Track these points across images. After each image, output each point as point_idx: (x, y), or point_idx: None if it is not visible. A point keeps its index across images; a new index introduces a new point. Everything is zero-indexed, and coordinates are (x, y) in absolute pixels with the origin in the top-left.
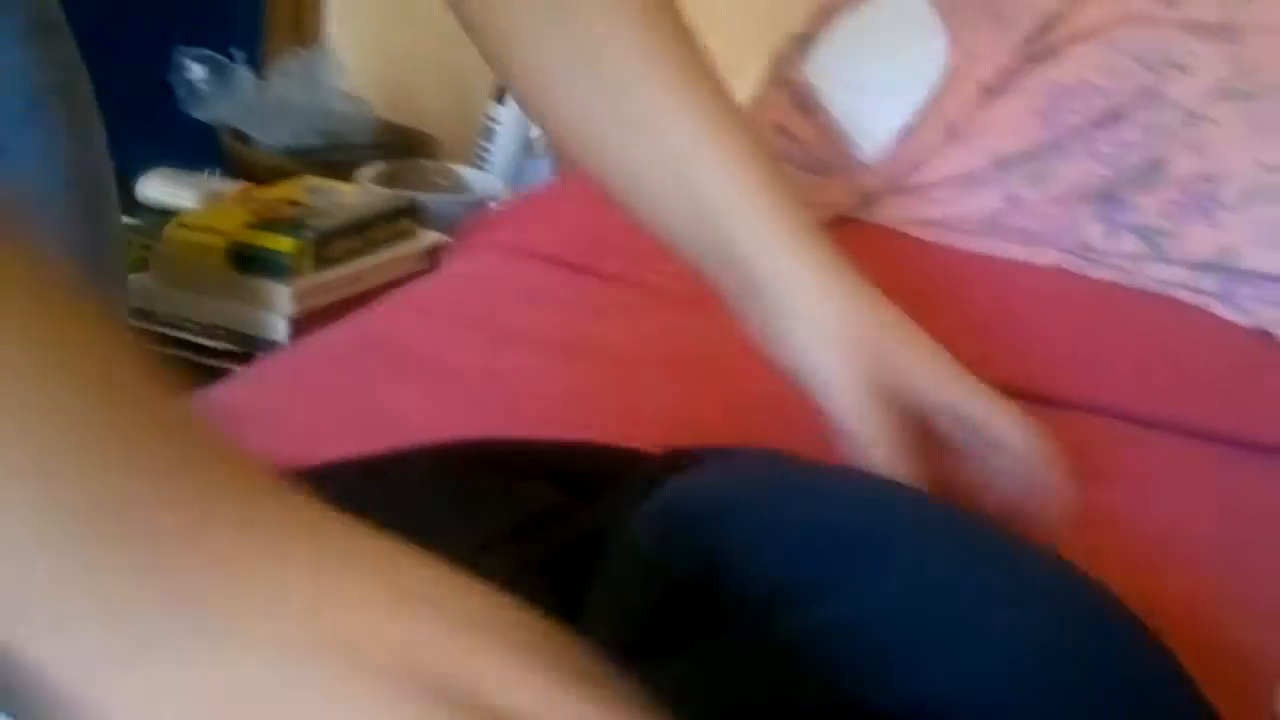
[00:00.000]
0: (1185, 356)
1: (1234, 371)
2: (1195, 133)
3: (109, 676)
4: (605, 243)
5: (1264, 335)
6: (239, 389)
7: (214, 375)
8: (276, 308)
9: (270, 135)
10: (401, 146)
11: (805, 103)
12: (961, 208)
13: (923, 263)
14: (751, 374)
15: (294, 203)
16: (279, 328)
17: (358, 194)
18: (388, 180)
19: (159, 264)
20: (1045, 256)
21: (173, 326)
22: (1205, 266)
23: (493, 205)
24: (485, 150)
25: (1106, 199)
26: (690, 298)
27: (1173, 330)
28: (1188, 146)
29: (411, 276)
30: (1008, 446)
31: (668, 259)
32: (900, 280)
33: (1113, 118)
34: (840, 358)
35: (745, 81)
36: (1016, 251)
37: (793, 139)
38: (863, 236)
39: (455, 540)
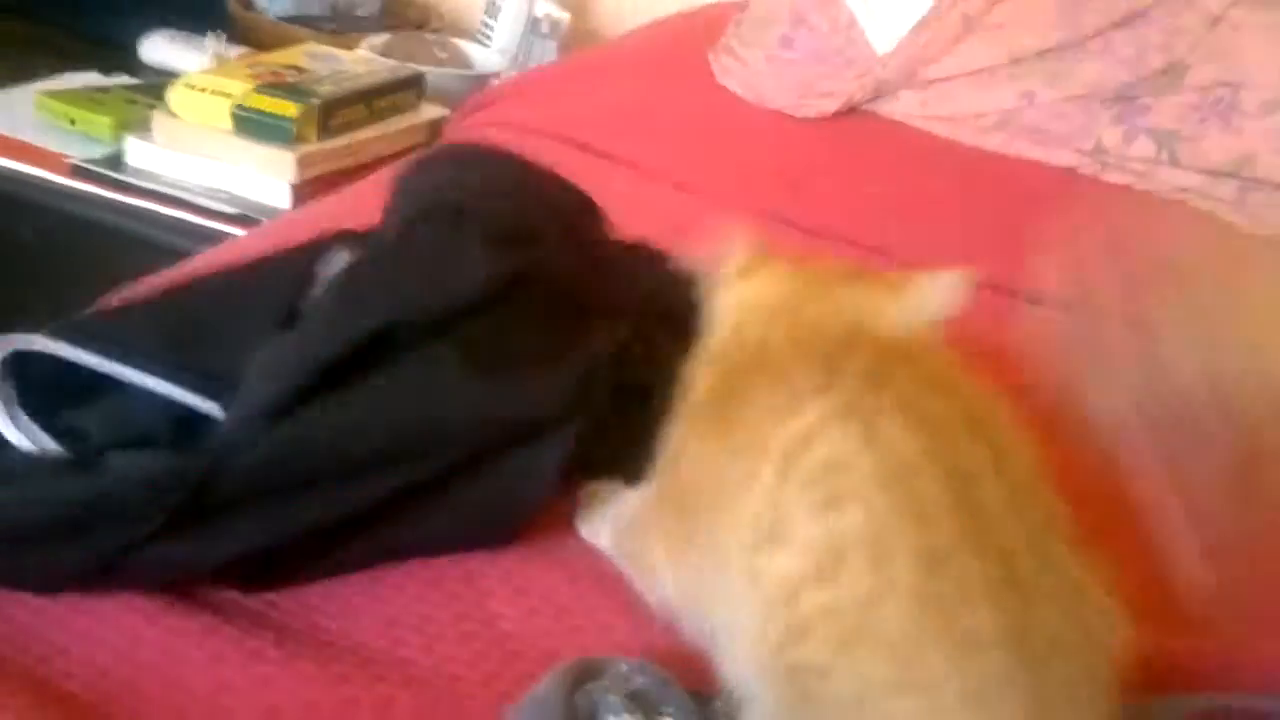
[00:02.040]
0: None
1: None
2: (1217, 38)
3: None
4: (606, 122)
5: None
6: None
7: (214, 238)
8: (279, 173)
9: (275, 1)
10: (405, 18)
11: None
12: (975, 104)
13: (933, 157)
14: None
15: (298, 68)
16: (281, 193)
17: (361, 63)
18: (390, 51)
19: (161, 125)
20: (1059, 157)
21: (174, 188)
22: (1221, 173)
23: (495, 82)
24: (489, 26)
25: (1124, 101)
26: (688, 179)
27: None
28: (1209, 51)
29: (412, 149)
30: None
31: (668, 140)
32: (908, 174)
33: (1134, 18)
34: None
35: None
36: (1030, 151)
37: (806, 28)
38: (873, 129)
39: None
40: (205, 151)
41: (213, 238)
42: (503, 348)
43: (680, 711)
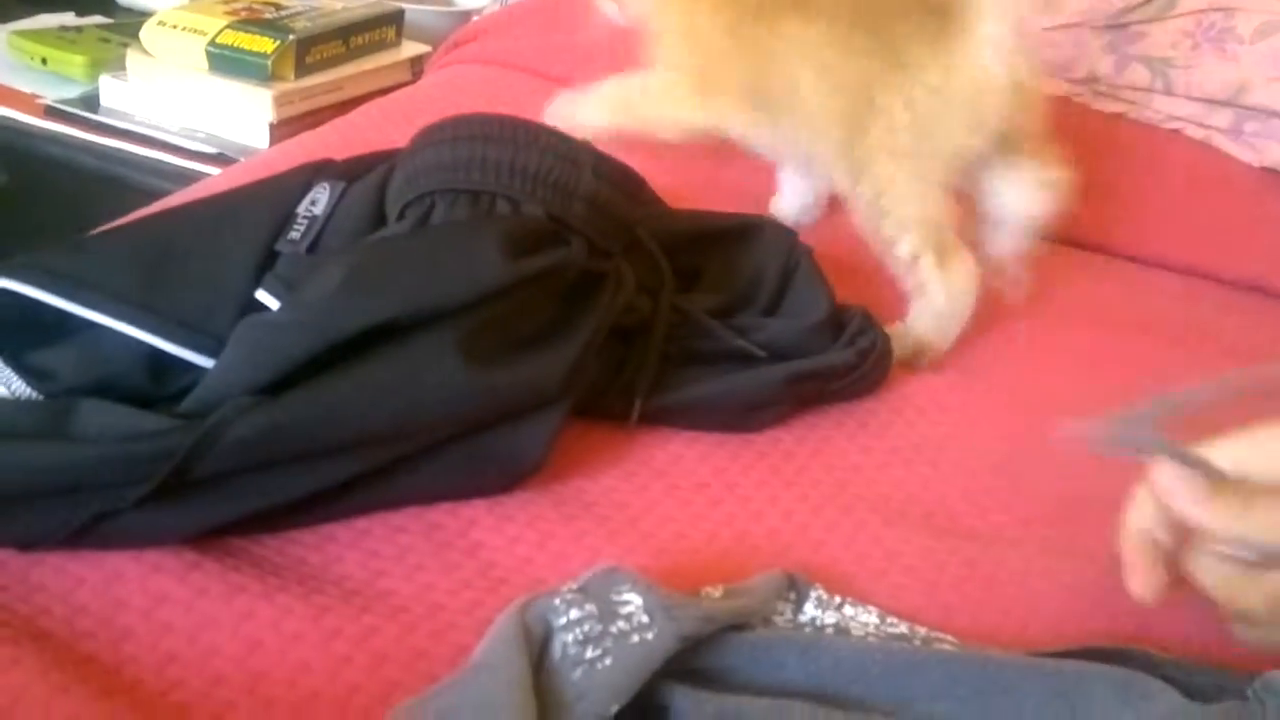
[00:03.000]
0: (1190, 194)
1: (1240, 211)
2: None
3: None
4: (589, 57)
5: (1272, 173)
6: (213, 186)
7: (192, 179)
8: (256, 111)
9: None
10: None
11: None
12: None
13: None
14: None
15: (275, 4)
16: (259, 132)
17: None
18: None
19: (136, 64)
20: (1052, 86)
21: (150, 128)
22: (1216, 101)
23: (475, 17)
24: None
25: (1116, 29)
26: None
27: (1177, 166)
28: None
29: (393, 88)
30: None
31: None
32: None
33: None
34: None
35: None
36: None
37: None
38: None
39: None
40: (181, 90)
41: (190, 178)
42: (505, 334)
43: (637, 587)
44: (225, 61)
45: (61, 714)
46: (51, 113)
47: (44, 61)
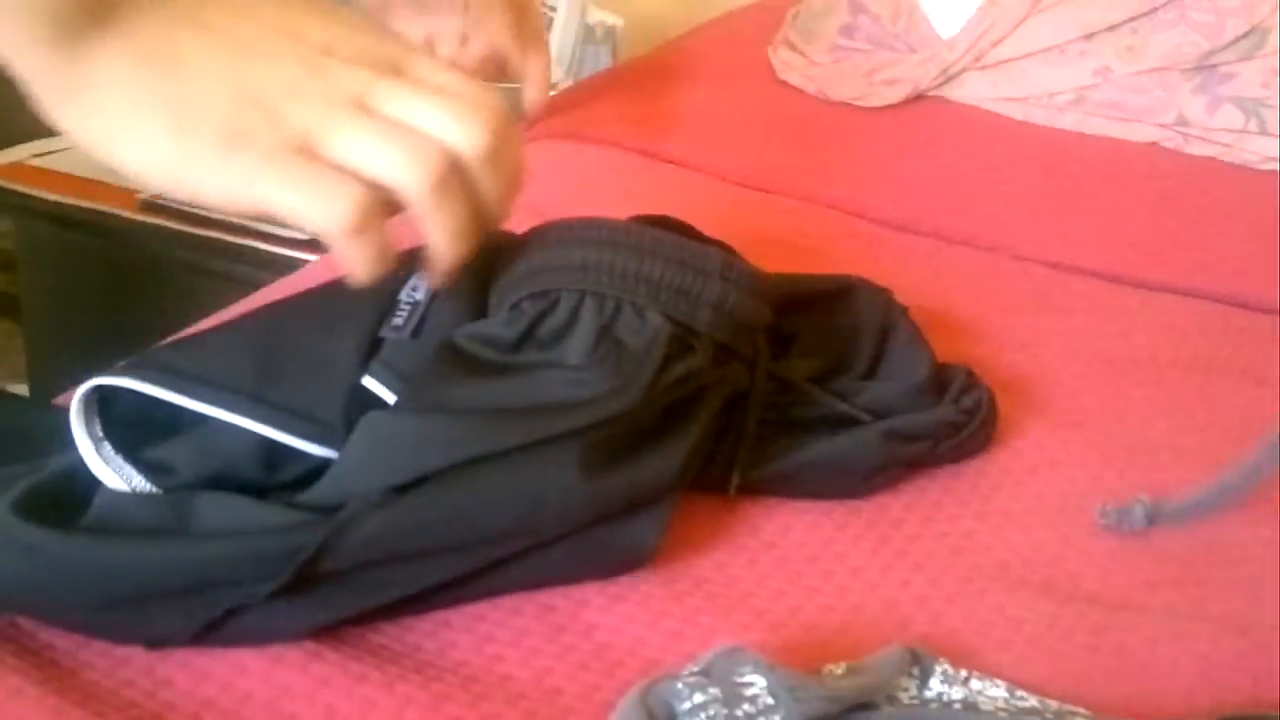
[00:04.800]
0: None
1: None
2: None
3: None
4: (666, 128)
5: None
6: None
7: (285, 265)
8: None
9: None
10: None
11: None
12: (1048, 82)
13: (1008, 141)
14: (823, 254)
15: None
16: None
17: None
18: None
19: None
20: (1139, 133)
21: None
22: None
23: (550, 92)
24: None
25: (1205, 70)
26: (754, 181)
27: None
28: None
29: None
30: None
31: (730, 140)
32: (985, 159)
33: None
34: None
35: None
36: (1108, 128)
37: (866, 15)
38: (944, 115)
39: None
40: None
41: (285, 265)
42: (622, 439)
43: (759, 668)
44: None
45: None
46: (147, 207)
47: None
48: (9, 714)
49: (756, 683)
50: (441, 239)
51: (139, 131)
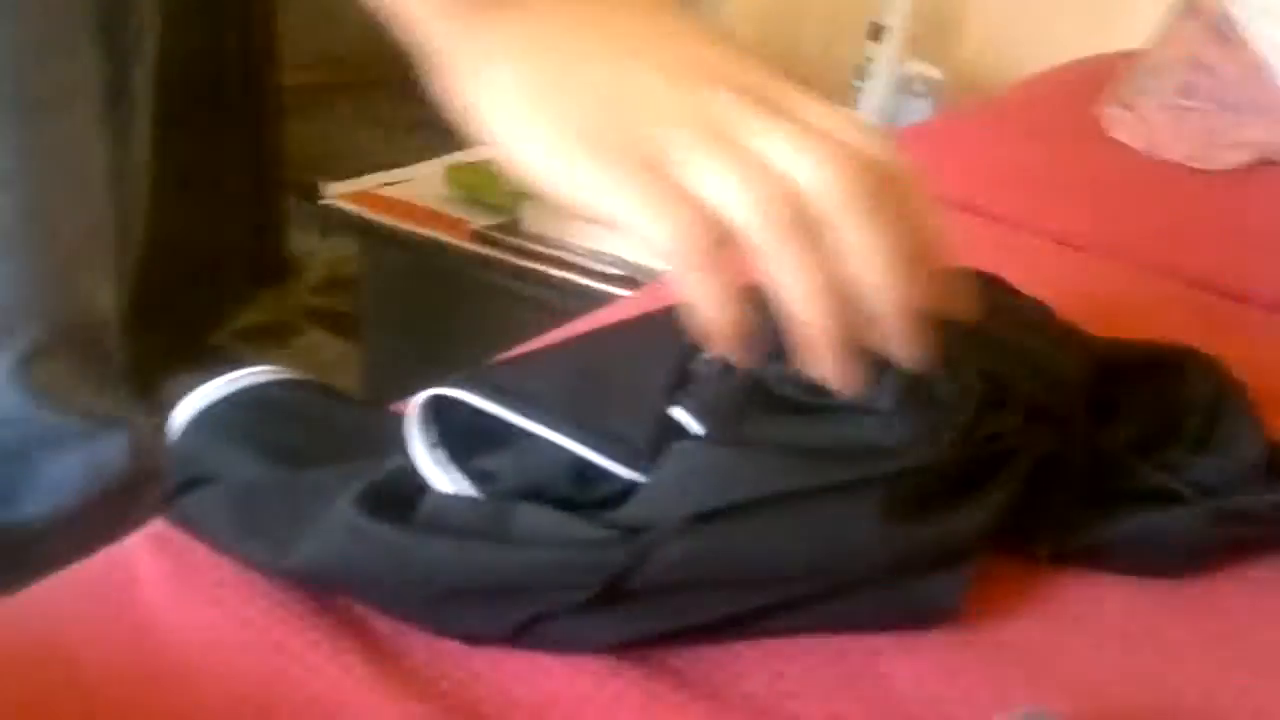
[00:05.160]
0: None
1: None
2: None
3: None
4: (987, 180)
5: None
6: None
7: (600, 300)
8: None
9: None
10: None
11: (1222, 33)
12: None
13: None
14: (1150, 320)
15: None
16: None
17: None
18: None
19: None
20: None
21: (564, 251)
22: None
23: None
24: (857, 88)
25: None
26: (1078, 240)
27: None
28: None
29: None
30: None
31: (1054, 196)
32: None
33: None
34: None
35: (1153, 11)
36: None
37: (1208, 74)
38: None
39: None
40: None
41: (599, 299)
42: (930, 491)
43: None
44: None
45: None
46: (479, 237)
47: (474, 190)
48: (340, 687)
49: None
50: (792, 299)
51: (520, 109)
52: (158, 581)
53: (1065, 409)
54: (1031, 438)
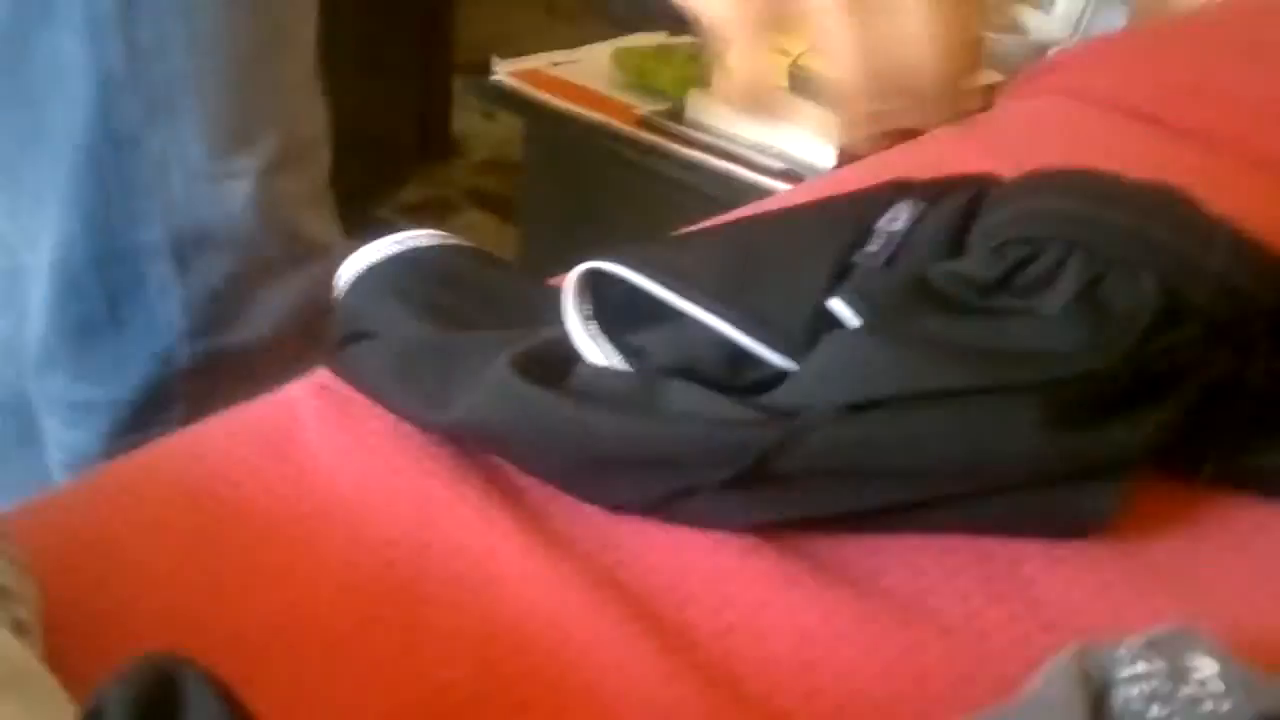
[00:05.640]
0: None
1: None
2: None
3: None
4: (1179, 95)
5: None
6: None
7: (760, 193)
8: (826, 134)
9: None
10: None
11: None
12: None
13: None
14: None
15: None
16: (827, 154)
17: None
18: None
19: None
20: None
21: (727, 141)
22: None
23: (1054, 50)
24: None
25: None
26: (1269, 156)
27: None
28: None
29: (963, 114)
30: None
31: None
32: None
33: None
34: None
35: None
36: None
37: None
38: None
39: None
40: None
41: (759, 193)
42: (1092, 401)
43: (1214, 652)
44: (804, 84)
45: (640, 663)
46: (644, 123)
47: (640, 75)
48: (486, 539)
49: (1206, 668)
50: (845, 65)
51: None
52: (318, 426)
53: (1247, 330)
54: (1207, 356)
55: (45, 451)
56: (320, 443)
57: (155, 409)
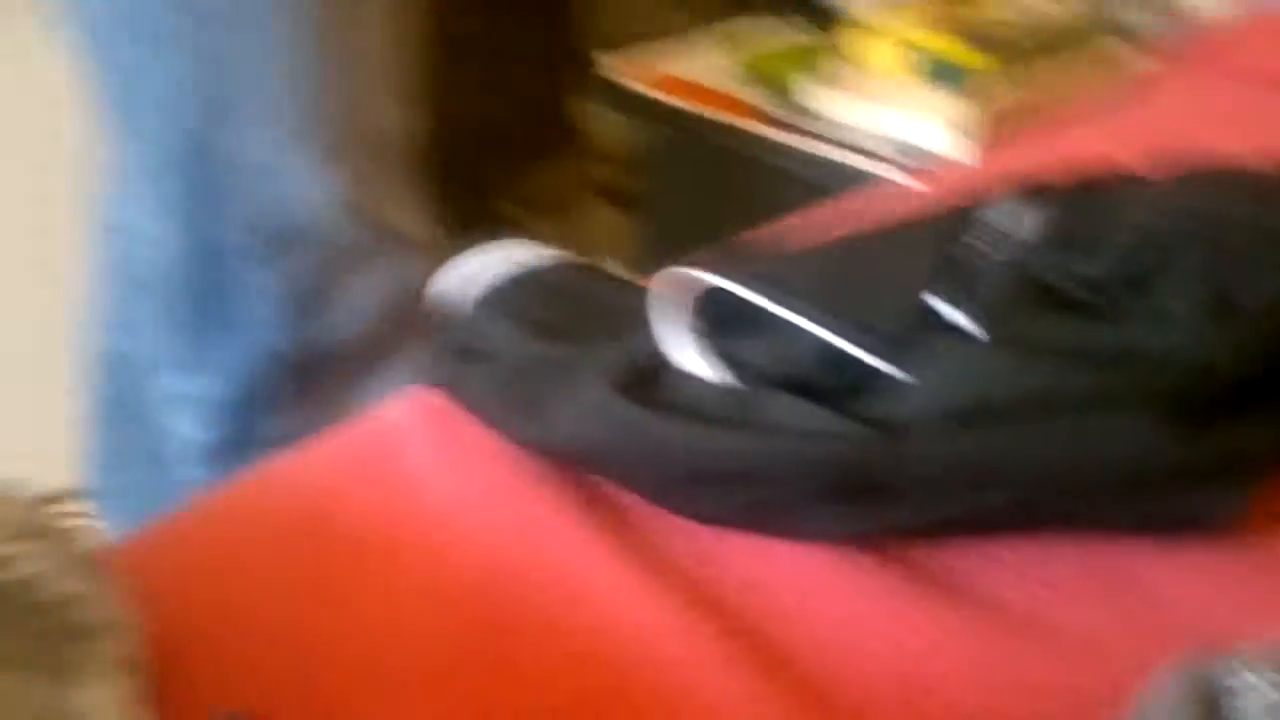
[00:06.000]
0: None
1: None
2: None
3: None
4: None
5: None
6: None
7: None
8: (955, 124)
9: None
10: None
11: None
12: None
13: None
14: None
15: (984, 15)
16: (957, 145)
17: (1052, 9)
18: None
19: (838, 70)
20: None
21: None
22: None
23: (1212, 27)
24: None
25: None
26: None
27: None
28: None
29: (1104, 100)
30: None
31: None
32: None
33: None
34: None
35: None
36: None
37: None
38: None
39: None
40: (880, 98)
41: (865, 179)
42: (1221, 400)
43: None
44: (929, 71)
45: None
46: (759, 115)
47: (772, 81)
48: (588, 561)
49: None
50: None
51: None
52: (422, 447)
53: None
54: None
55: (167, 453)
56: (421, 465)
57: (262, 403)
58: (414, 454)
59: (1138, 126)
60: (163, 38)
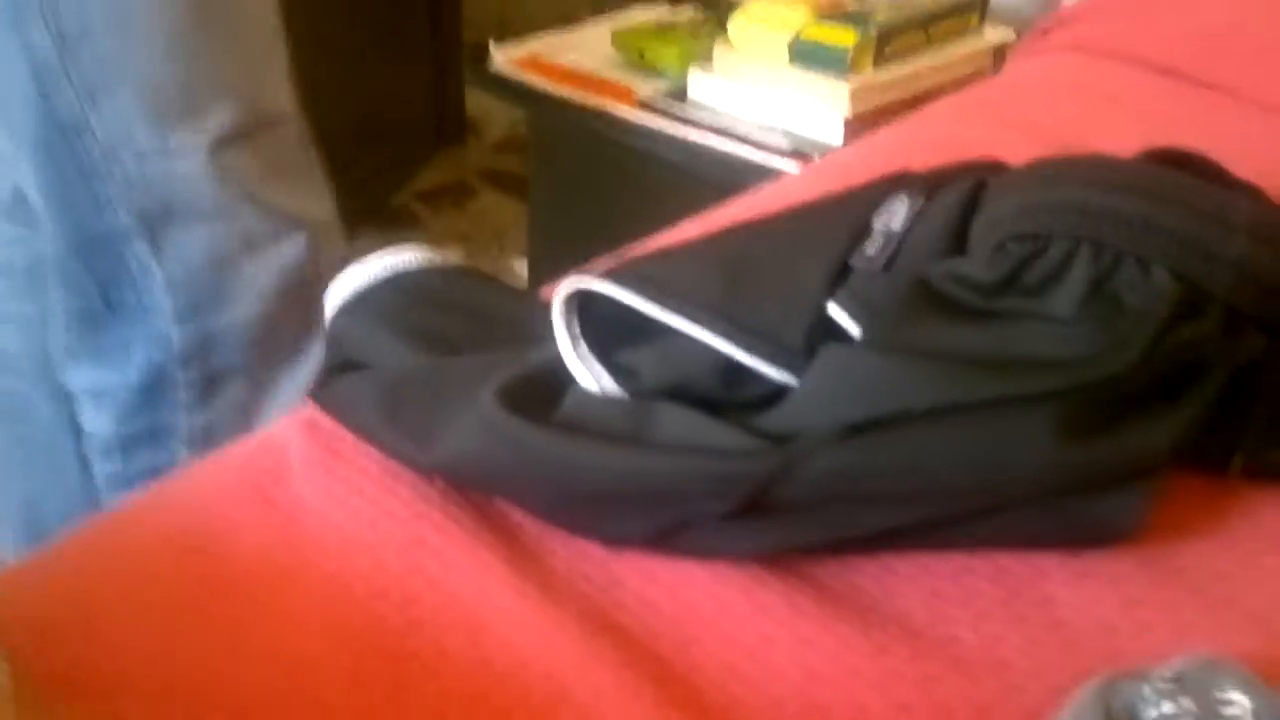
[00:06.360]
0: None
1: None
2: None
3: None
4: (1197, 44)
5: None
6: (785, 191)
7: (765, 175)
8: (833, 105)
9: None
10: None
11: None
12: None
13: None
14: None
15: None
16: (834, 128)
17: None
18: None
19: (722, 56)
20: None
21: (730, 119)
22: None
23: (1067, 1)
24: None
25: None
26: None
27: None
28: None
29: (973, 77)
30: None
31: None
32: None
33: None
34: None
35: None
36: None
37: None
38: None
39: None
40: (761, 83)
41: (765, 174)
42: (1111, 405)
43: (1247, 686)
44: (807, 55)
45: (638, 714)
46: (645, 106)
47: (641, 57)
48: (479, 585)
49: (1239, 703)
50: None
51: None
52: (307, 468)
53: (1273, 316)
54: (1230, 348)
55: (64, 451)
56: (308, 487)
57: (160, 392)
58: (303, 475)
59: (993, 102)
60: (20, 13)
